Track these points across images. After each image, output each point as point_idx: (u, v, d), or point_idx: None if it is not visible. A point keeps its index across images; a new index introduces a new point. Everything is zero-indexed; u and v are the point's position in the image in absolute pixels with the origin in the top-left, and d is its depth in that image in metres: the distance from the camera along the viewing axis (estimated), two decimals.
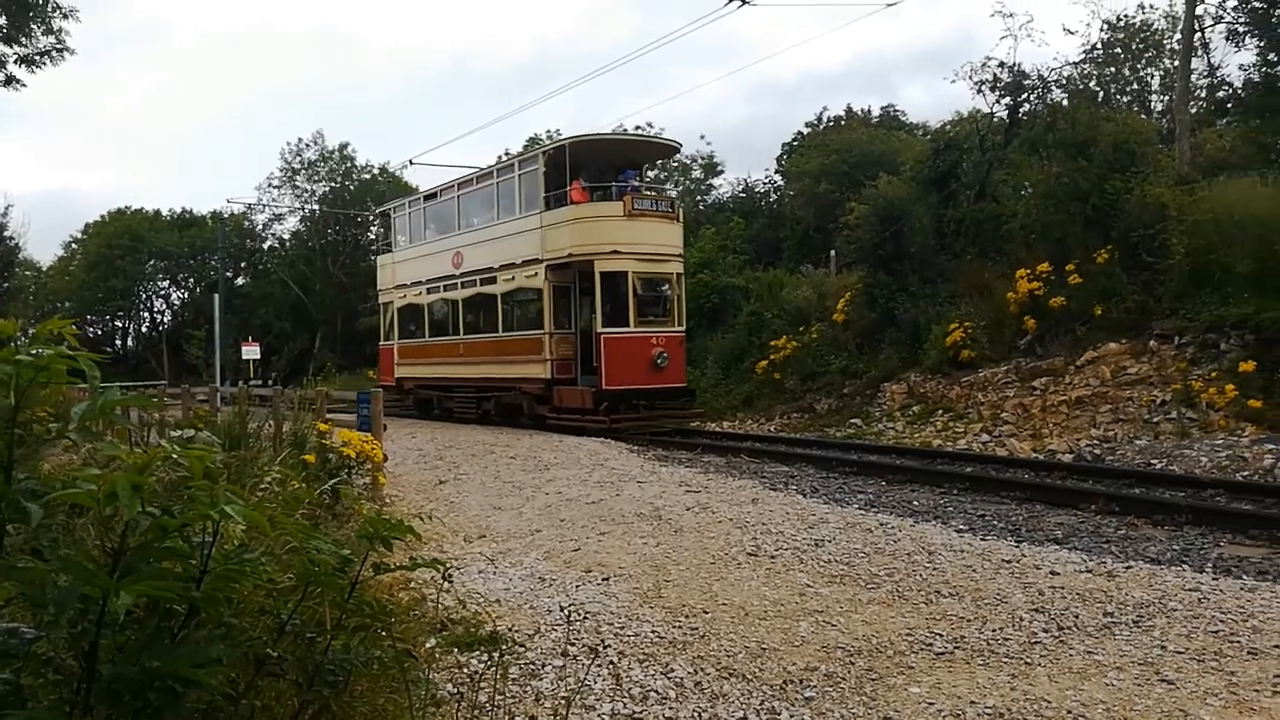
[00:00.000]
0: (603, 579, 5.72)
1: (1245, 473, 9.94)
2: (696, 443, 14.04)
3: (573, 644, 4.48)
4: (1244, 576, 5.73)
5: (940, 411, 15.90)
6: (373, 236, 48.51)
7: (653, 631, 4.66)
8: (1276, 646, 4.19)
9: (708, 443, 14.10)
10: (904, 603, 5.10)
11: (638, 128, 35.26)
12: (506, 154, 29.71)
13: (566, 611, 4.69)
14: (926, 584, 5.43)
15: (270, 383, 25.09)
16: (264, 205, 46.13)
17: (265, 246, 49.03)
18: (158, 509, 1.63)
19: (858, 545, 6.47)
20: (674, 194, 26.29)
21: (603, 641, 4.46)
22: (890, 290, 18.68)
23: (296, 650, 2.19)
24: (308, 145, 45.52)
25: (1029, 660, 4.12)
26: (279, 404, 9.72)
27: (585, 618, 4.87)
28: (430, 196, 21.07)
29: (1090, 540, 6.97)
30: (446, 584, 2.92)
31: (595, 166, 17.01)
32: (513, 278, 17.21)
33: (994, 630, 4.53)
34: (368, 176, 46.43)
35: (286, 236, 48.46)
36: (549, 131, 36.74)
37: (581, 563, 6.18)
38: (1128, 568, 5.75)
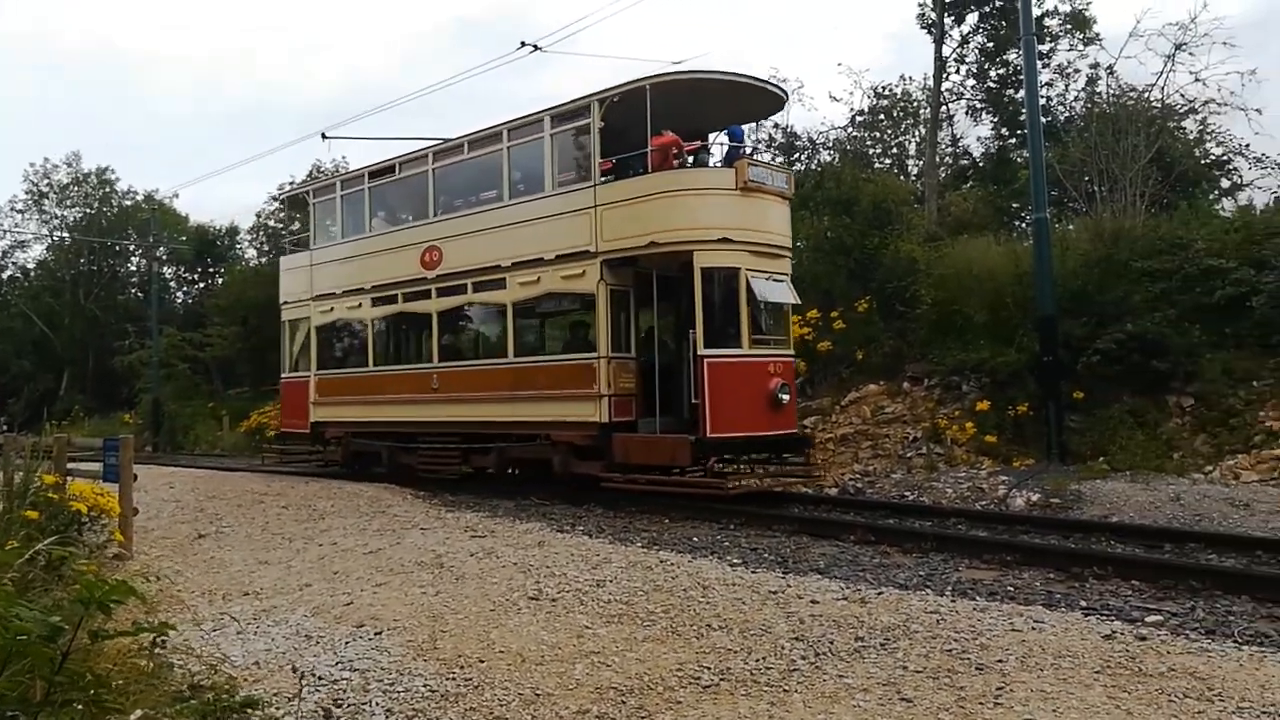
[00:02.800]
0: (375, 633, 5.49)
1: (983, 502, 11.03)
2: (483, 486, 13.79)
3: (338, 705, 4.26)
4: (977, 598, 6.32)
5: None
6: (133, 268, 44.77)
7: (425, 685, 4.51)
8: (1000, 661, 4.65)
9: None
10: (677, 638, 5.23)
11: None
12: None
13: (300, 671, 4.45)
14: (699, 618, 5.61)
15: (3, 428, 22.32)
16: (4, 231, 41.43)
17: (4, 276, 43.98)
18: None
19: (638, 584, 6.59)
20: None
21: (369, 700, 4.27)
22: None
23: None
24: (56, 167, 41.46)
25: (787, 687, 4.34)
26: (9, 452, 8.67)
27: (353, 675, 4.65)
28: (381, 172, 14.98)
29: (849, 569, 7.46)
30: (192, 648, 2.71)
31: (669, 123, 11.60)
32: (536, 280, 12.23)
33: (758, 660, 4.73)
34: (130, 203, 42.85)
35: (31, 266, 43.72)
36: (335, 160, 35.29)
37: (354, 617, 5.90)
38: (879, 593, 6.21)
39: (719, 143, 12.78)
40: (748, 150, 11.78)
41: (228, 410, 30.43)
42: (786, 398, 11.06)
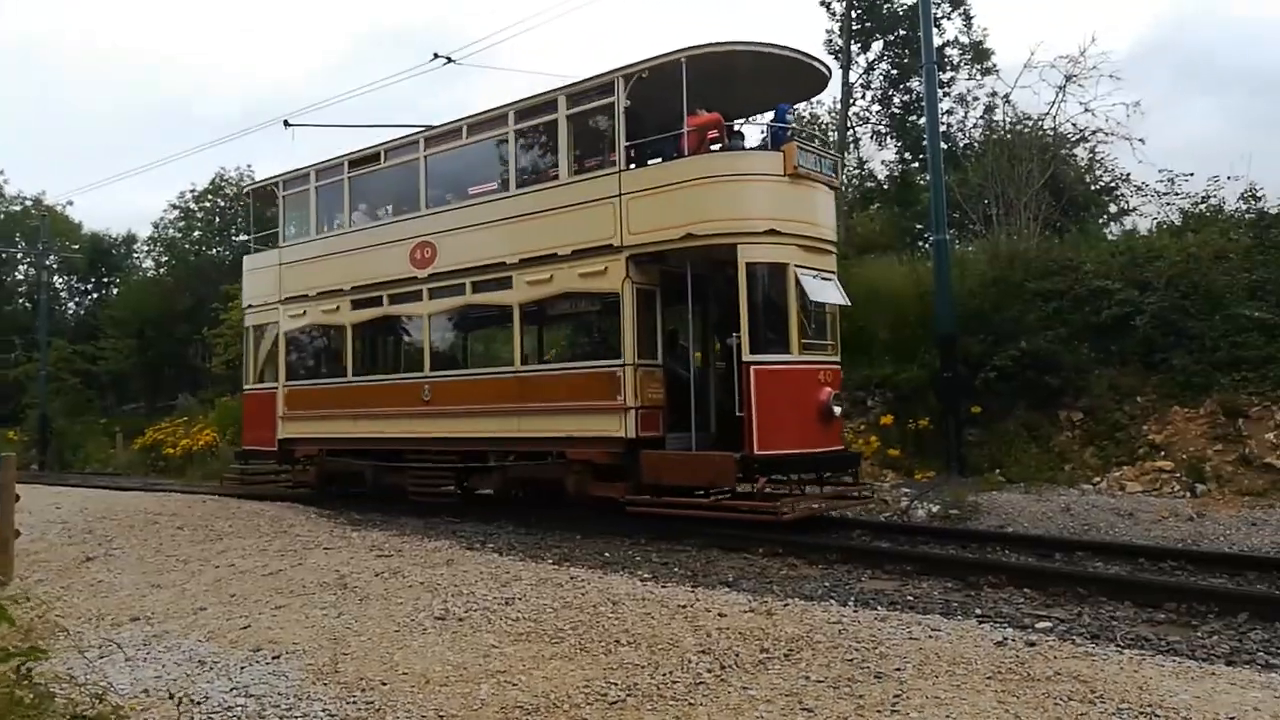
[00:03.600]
0: (273, 657, 5.32)
1: (886, 514, 11.33)
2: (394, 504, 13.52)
3: None
4: (879, 607, 6.49)
5: None
6: (21, 276, 42.58)
7: (324, 710, 4.39)
8: (898, 669, 4.78)
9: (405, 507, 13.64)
10: (586, 655, 5.22)
11: None
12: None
13: (177, 698, 4.30)
14: (608, 634, 5.60)
15: None
16: None
17: None
18: None
19: (547, 601, 6.55)
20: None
21: None
22: None
23: None
24: None
25: (692, 701, 4.37)
26: None
27: (248, 701, 4.50)
28: (363, 160, 13.39)
29: (757, 581, 7.57)
30: (74, 676, 2.58)
31: (704, 102, 10.47)
32: (548, 278, 10.89)
33: (664, 674, 4.76)
34: (18, 209, 40.77)
35: None
36: (240, 169, 34.18)
37: (251, 641, 5.71)
38: (785, 605, 6.31)
39: (761, 124, 11.36)
40: (796, 131, 10.33)
41: (121, 427, 29.15)
42: (840, 410, 10.10)
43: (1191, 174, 16.95)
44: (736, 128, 11.14)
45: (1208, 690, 4.37)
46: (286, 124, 16.21)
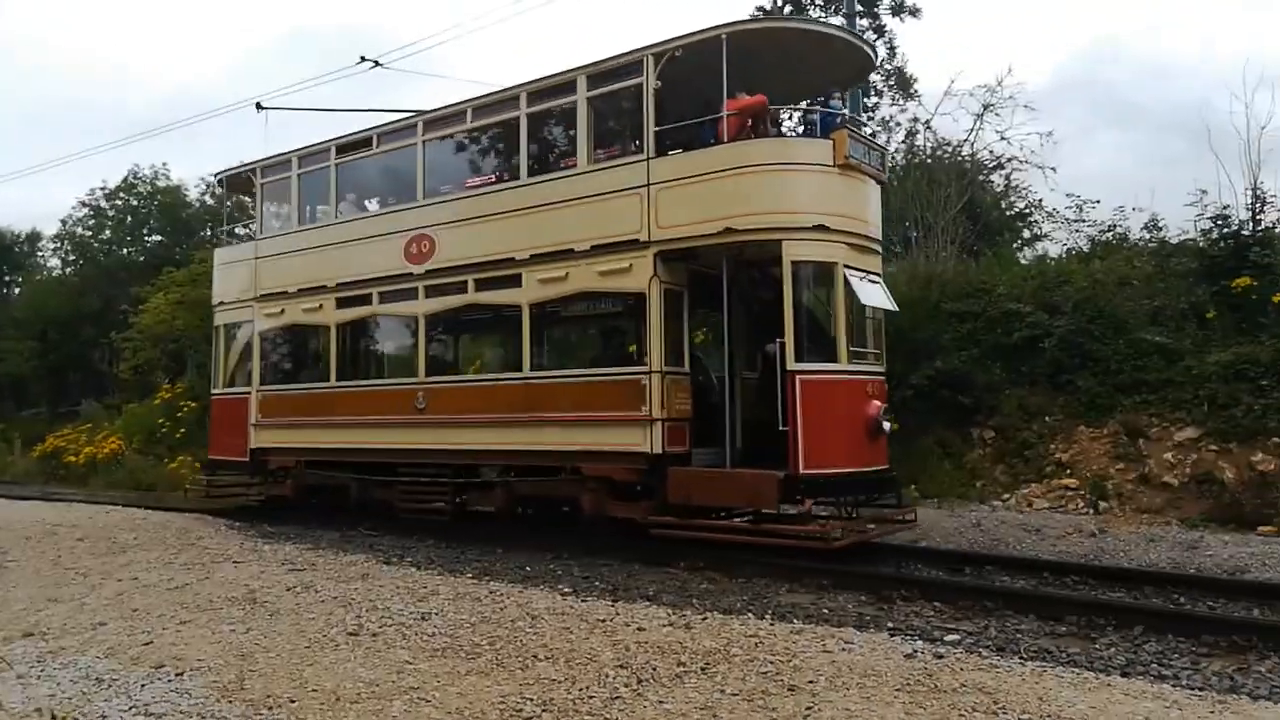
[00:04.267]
0: (176, 674, 5.14)
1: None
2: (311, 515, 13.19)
3: None
4: (795, 621, 6.57)
5: None
6: None
7: None
8: (811, 682, 4.85)
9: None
10: (502, 670, 5.17)
11: None
12: None
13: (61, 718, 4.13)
14: (526, 649, 5.56)
15: None
16: None
17: None
18: None
19: (465, 615, 6.48)
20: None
21: None
22: None
23: None
24: None
25: (608, 715, 4.37)
26: None
27: None
28: (353, 146, 12.34)
29: (677, 595, 7.60)
30: None
31: (742, 85, 9.46)
32: (563, 275, 9.96)
33: (581, 689, 4.74)
34: None
35: None
36: (154, 166, 32.94)
37: (153, 658, 5.50)
38: (703, 619, 6.36)
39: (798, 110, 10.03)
40: (847, 118, 9.55)
41: (20, 433, 27.78)
42: (889, 426, 9.21)
43: (1099, 201, 17.68)
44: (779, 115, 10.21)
45: (1103, 700, 4.55)
46: (259, 107, 15.13)
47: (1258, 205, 13.89)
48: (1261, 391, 11.52)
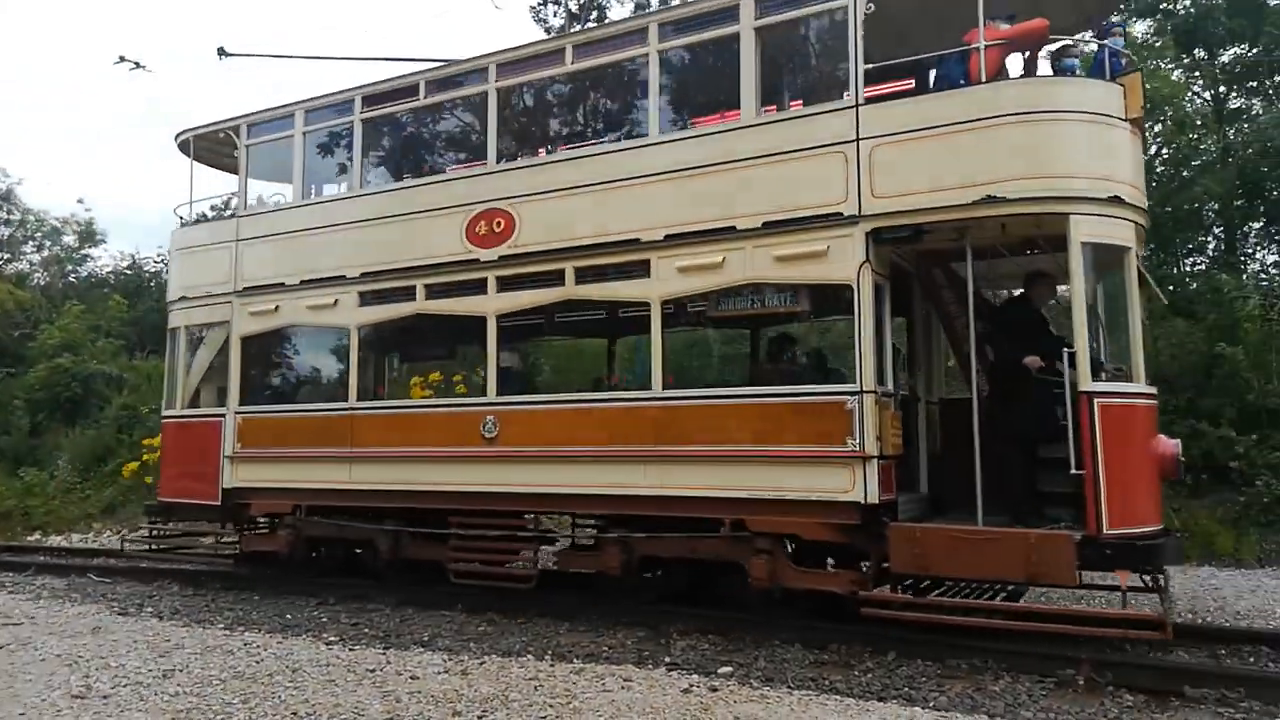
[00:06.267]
0: None
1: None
2: (28, 562, 11.63)
3: None
4: (575, 660, 6.51)
5: None
6: None
7: None
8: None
9: (44, 560, 11.82)
10: None
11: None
12: None
13: None
14: (285, 706, 5.13)
15: None
16: None
17: None
18: None
19: (214, 671, 5.90)
20: None
21: None
22: None
23: None
24: None
25: None
26: None
27: None
28: (388, 96, 9.50)
29: (454, 640, 7.31)
30: None
31: (968, 17, 6.92)
32: (718, 262, 7.48)
33: None
34: None
35: None
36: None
37: None
38: (481, 663, 6.15)
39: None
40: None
41: None
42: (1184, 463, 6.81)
43: None
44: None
45: None
46: (222, 52, 12.40)
47: None
48: None
